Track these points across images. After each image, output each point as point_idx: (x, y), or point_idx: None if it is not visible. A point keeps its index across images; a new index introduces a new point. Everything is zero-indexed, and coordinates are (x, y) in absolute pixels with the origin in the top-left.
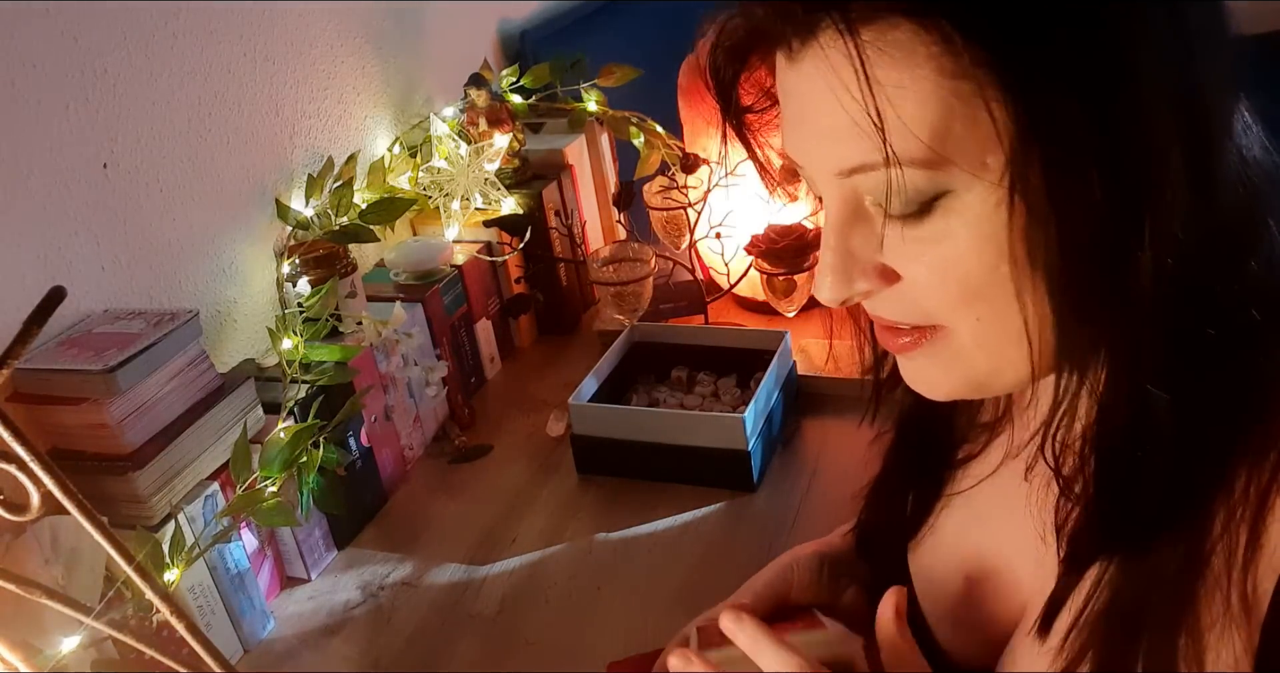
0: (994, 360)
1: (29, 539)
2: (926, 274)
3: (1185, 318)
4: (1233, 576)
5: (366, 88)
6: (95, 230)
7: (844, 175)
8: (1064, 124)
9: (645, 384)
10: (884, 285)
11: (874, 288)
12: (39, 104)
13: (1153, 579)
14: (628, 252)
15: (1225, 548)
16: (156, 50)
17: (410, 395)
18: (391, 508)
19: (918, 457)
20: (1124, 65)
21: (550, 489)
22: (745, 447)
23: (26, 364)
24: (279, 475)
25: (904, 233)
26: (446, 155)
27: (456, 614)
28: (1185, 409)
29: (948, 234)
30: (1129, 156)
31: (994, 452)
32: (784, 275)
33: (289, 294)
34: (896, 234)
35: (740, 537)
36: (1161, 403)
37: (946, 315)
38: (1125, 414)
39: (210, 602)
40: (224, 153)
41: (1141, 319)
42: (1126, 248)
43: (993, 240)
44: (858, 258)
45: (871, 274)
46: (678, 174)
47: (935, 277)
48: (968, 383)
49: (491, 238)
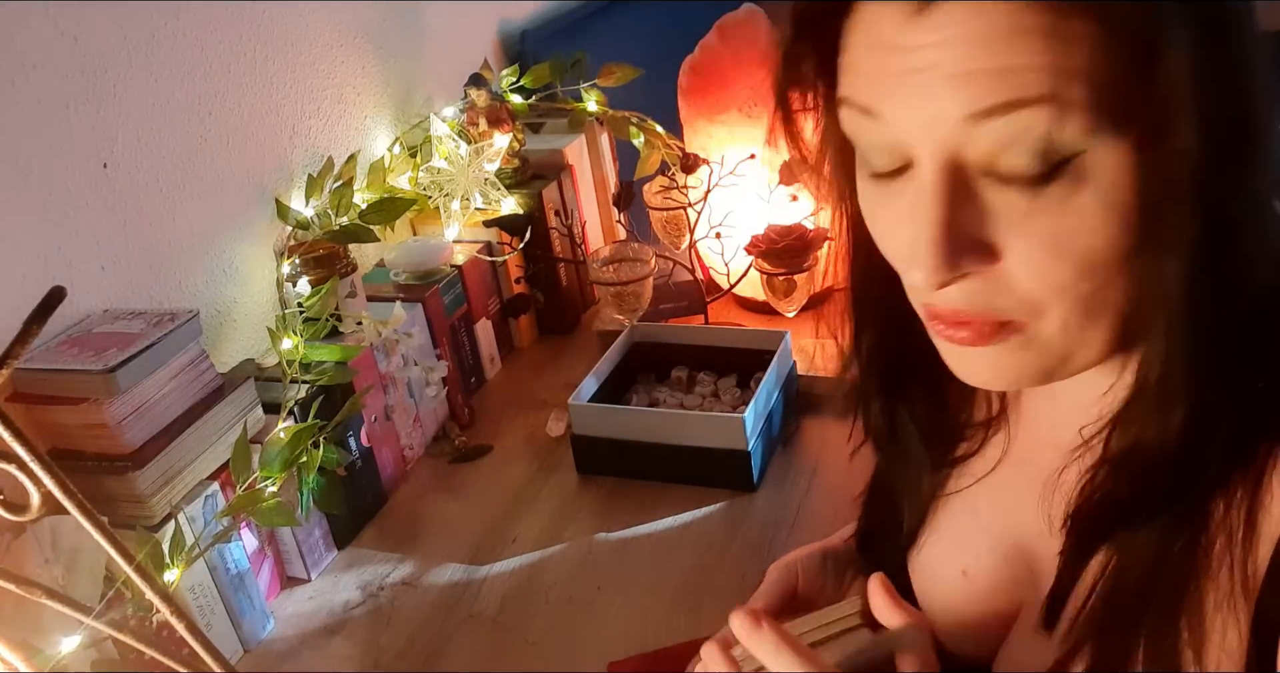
0: (1074, 345)
1: (29, 539)
2: (1041, 250)
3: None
4: (1232, 558)
5: (366, 88)
6: (95, 230)
7: (978, 118)
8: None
9: (645, 384)
10: (984, 266)
11: (976, 269)
12: (39, 104)
13: (1156, 565)
14: (628, 252)
15: (1225, 531)
16: (156, 50)
17: (410, 395)
18: (391, 508)
19: (905, 463)
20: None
21: (550, 489)
22: (745, 447)
23: (26, 364)
24: (279, 475)
25: (1023, 201)
26: (446, 155)
27: (456, 614)
28: (1215, 397)
29: (1074, 204)
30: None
31: (991, 449)
32: (784, 275)
33: (289, 294)
34: (1011, 206)
35: (740, 537)
36: (1201, 391)
37: (1043, 301)
38: (1163, 402)
39: (210, 602)
40: (224, 153)
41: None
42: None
43: (1119, 210)
44: (964, 232)
45: (977, 251)
46: (678, 174)
47: (1051, 252)
48: (1040, 371)
49: (491, 238)
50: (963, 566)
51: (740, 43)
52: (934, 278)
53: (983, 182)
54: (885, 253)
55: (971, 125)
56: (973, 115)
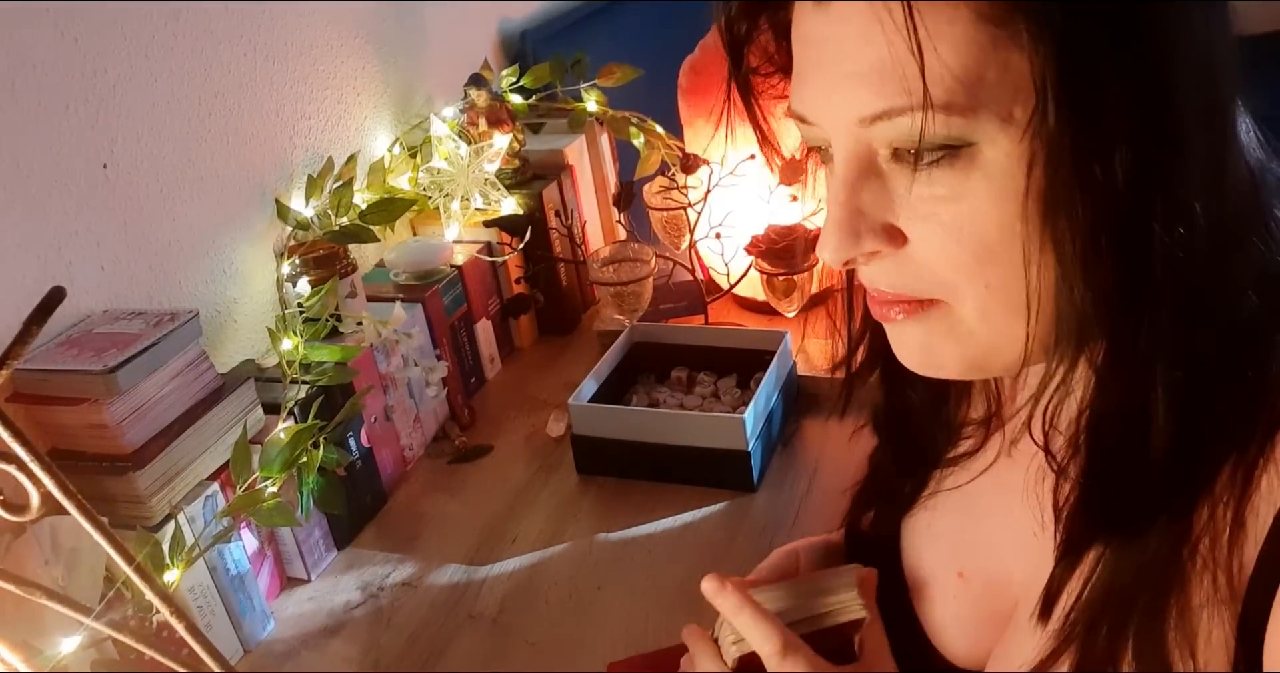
0: (995, 335)
1: (29, 540)
2: (940, 234)
3: (1189, 299)
4: (1219, 557)
5: (366, 88)
6: (95, 230)
7: (866, 123)
8: (1096, 79)
9: (645, 384)
10: (890, 247)
11: (880, 248)
12: (39, 104)
13: (1144, 563)
14: (628, 252)
15: (1212, 530)
16: (156, 50)
17: (410, 396)
18: (391, 508)
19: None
20: (1158, 28)
21: (550, 489)
22: (745, 447)
23: (26, 364)
24: (279, 476)
25: (919, 189)
26: (446, 155)
27: (456, 615)
28: (1181, 393)
29: (966, 190)
30: (1156, 121)
31: (989, 448)
32: (784, 275)
33: (289, 294)
34: (910, 191)
35: (740, 537)
36: (1160, 385)
37: (953, 283)
38: (1122, 396)
39: (210, 602)
40: (224, 153)
41: (1148, 296)
42: (1144, 218)
43: (1011, 198)
44: (867, 215)
45: (880, 233)
46: (678, 174)
47: (949, 236)
48: (965, 360)
49: (491, 238)
50: (959, 567)
51: None
52: (835, 256)
53: (888, 166)
54: None
55: (864, 126)
56: (861, 120)
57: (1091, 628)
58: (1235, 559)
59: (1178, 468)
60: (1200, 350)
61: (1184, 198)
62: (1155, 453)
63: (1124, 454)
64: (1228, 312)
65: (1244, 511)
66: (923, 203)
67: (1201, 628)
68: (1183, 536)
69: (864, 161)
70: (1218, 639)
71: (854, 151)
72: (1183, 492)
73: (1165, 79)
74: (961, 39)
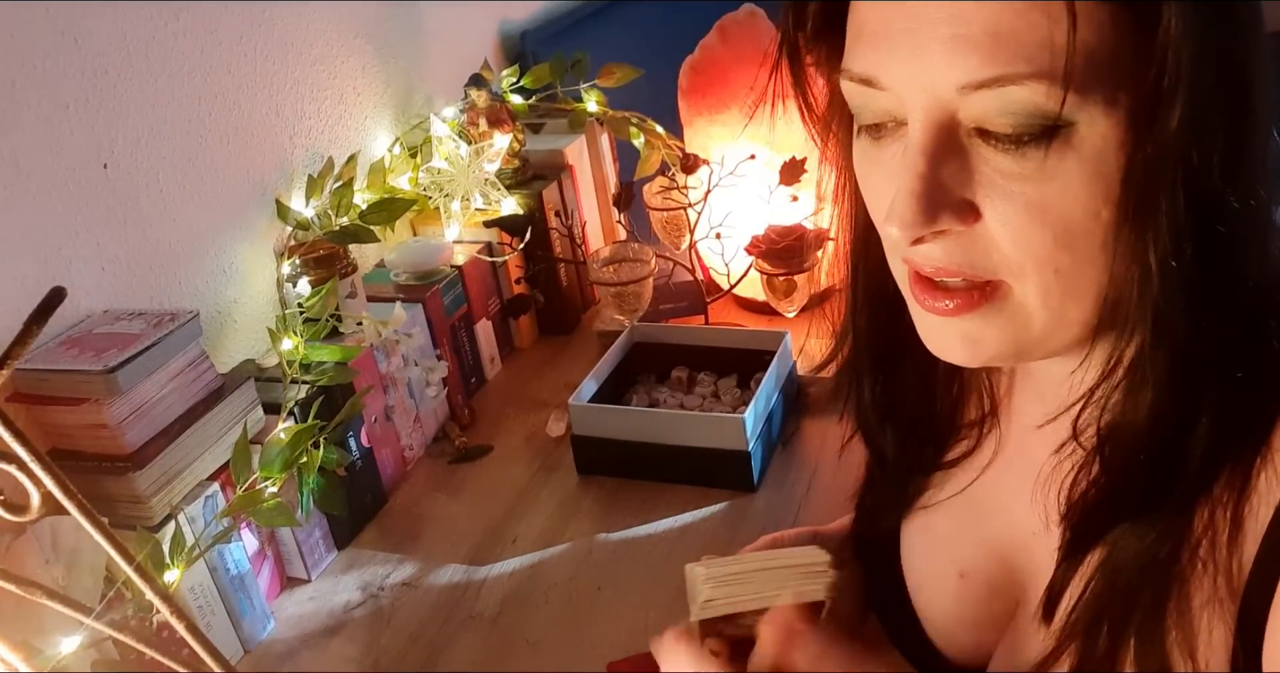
0: (1053, 321)
1: (29, 540)
2: (1022, 213)
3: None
4: (1219, 557)
5: (366, 88)
6: (95, 230)
7: (970, 90)
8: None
9: (645, 384)
10: (963, 225)
11: (954, 226)
12: (39, 104)
13: (1146, 563)
14: (628, 252)
15: (1211, 531)
16: (156, 50)
17: (410, 396)
18: (391, 508)
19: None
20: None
21: (550, 489)
22: (745, 447)
23: (26, 364)
24: (279, 476)
25: (1008, 165)
26: (446, 156)
27: (456, 615)
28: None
29: (1058, 171)
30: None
31: (985, 448)
32: (784, 276)
33: (289, 294)
34: (995, 168)
35: (740, 537)
36: (1211, 385)
37: (1021, 264)
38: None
39: (210, 602)
40: (224, 153)
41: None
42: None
43: (1102, 182)
44: (948, 189)
45: (956, 209)
46: (678, 174)
47: (1032, 216)
48: (1016, 346)
49: (491, 238)
50: (960, 569)
51: (740, 42)
52: (909, 231)
53: (970, 141)
54: (872, 214)
55: (964, 94)
56: (965, 87)
57: (1092, 628)
58: (1234, 559)
59: (1177, 463)
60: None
61: (1254, 188)
62: (1155, 446)
63: (1126, 448)
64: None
65: (1242, 510)
66: (1008, 180)
67: (1202, 628)
68: (1183, 536)
69: (947, 133)
70: (1218, 639)
71: (938, 121)
72: (1183, 488)
73: (1249, 71)
74: (1097, 15)
